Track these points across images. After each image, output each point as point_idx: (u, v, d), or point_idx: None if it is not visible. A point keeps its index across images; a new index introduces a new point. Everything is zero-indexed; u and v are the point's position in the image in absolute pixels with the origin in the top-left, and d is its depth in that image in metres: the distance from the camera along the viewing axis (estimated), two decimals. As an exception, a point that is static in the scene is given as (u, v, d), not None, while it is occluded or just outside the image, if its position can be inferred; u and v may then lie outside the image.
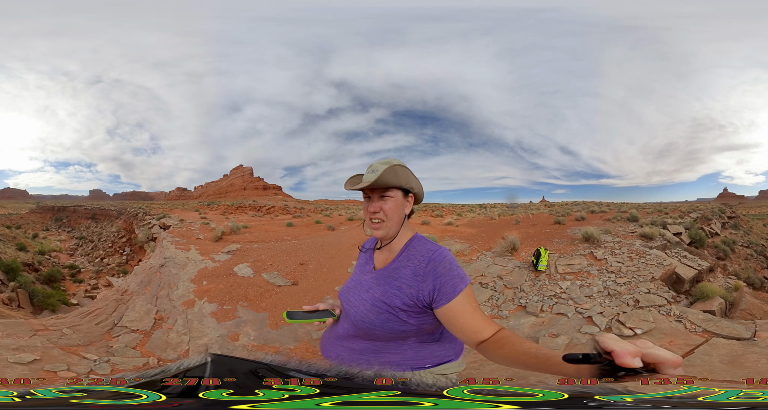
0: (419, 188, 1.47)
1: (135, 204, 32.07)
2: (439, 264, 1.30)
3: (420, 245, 1.39)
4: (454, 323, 1.27)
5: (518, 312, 5.80)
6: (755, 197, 38.48)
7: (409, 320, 1.32)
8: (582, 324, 5.06)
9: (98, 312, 6.32)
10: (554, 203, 29.48)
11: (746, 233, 18.37)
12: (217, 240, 11.84)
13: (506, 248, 8.39)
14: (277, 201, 34.19)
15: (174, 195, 47.24)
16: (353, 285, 1.51)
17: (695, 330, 4.65)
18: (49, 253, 23.61)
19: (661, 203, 27.24)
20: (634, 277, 6.43)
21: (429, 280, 1.29)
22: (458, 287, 1.27)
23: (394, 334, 1.34)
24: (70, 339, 5.03)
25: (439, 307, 1.28)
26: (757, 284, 10.47)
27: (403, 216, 1.43)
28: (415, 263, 1.34)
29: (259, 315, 6.03)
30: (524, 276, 6.92)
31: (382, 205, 1.39)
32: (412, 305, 1.30)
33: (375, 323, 1.34)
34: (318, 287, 7.17)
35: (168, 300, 6.46)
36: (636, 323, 4.86)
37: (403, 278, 1.34)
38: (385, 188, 1.38)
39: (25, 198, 41.76)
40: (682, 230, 11.10)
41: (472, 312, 1.26)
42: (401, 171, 1.39)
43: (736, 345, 4.12)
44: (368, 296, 1.39)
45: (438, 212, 22.43)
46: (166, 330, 5.59)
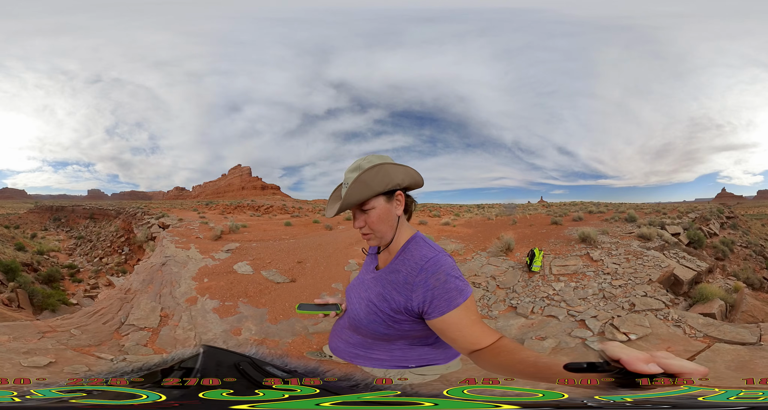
0: (409, 178, 1.34)
1: (133, 204, 32.04)
2: (432, 275, 1.20)
3: (416, 249, 1.29)
4: (447, 335, 1.21)
5: (508, 313, 5.73)
6: (753, 197, 38.75)
7: (394, 325, 1.28)
8: (573, 328, 4.91)
9: (104, 311, 6.38)
10: (552, 204, 29.48)
11: (745, 233, 18.40)
12: (216, 239, 11.90)
13: (501, 249, 8.33)
14: (275, 201, 34.13)
15: (172, 195, 47.29)
16: (357, 283, 1.50)
17: (695, 335, 4.45)
18: (48, 253, 23.54)
19: (659, 203, 27.25)
20: (631, 279, 6.30)
21: (419, 291, 1.20)
22: (455, 302, 1.17)
23: (378, 335, 1.32)
24: (80, 340, 5.02)
25: (431, 319, 1.20)
26: (756, 284, 10.48)
27: (393, 220, 1.33)
28: (407, 269, 1.25)
29: (259, 311, 6.13)
30: (517, 277, 6.84)
31: (365, 219, 1.30)
32: (399, 312, 1.25)
33: (362, 321, 1.34)
34: (315, 285, 7.28)
35: (171, 298, 6.57)
36: (631, 328, 4.69)
37: (395, 284, 1.27)
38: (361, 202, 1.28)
39: (24, 198, 41.85)
40: (681, 230, 11.10)
41: (470, 325, 1.18)
42: (373, 177, 1.25)
43: (743, 351, 3.95)
44: (365, 295, 1.38)
45: (435, 213, 22.41)
46: (173, 327, 5.66)
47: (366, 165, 1.28)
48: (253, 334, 5.49)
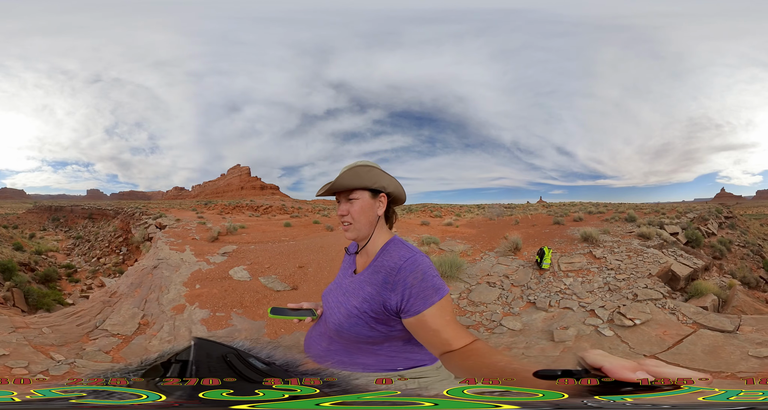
0: (395, 188, 1.41)
1: (132, 204, 31.97)
2: (410, 274, 1.23)
3: (394, 250, 1.33)
4: (421, 335, 1.23)
5: (528, 308, 5.98)
6: (753, 197, 38.71)
7: (377, 327, 1.29)
8: (586, 317, 5.32)
9: (82, 313, 6.13)
10: (552, 204, 29.52)
11: (743, 233, 18.44)
12: (213, 241, 11.69)
13: (509, 248, 8.57)
14: (274, 201, 34.09)
15: (171, 194, 47.09)
16: (334, 287, 1.51)
17: (686, 321, 4.97)
18: (46, 253, 23.49)
19: (658, 203, 27.31)
20: (633, 273, 6.72)
21: (398, 290, 1.23)
22: (430, 300, 1.20)
23: (361, 339, 1.32)
24: (46, 338, 4.93)
25: (407, 318, 1.23)
26: (752, 283, 10.53)
27: (374, 217, 1.38)
28: (386, 270, 1.28)
29: (256, 324, 5.71)
30: (529, 274, 7.13)
31: (348, 207, 1.37)
32: (380, 312, 1.27)
33: (344, 326, 1.33)
34: (319, 292, 6.91)
35: (157, 304, 6.22)
36: (635, 314, 5.12)
37: (374, 285, 1.29)
38: (349, 190, 1.37)
39: (23, 198, 41.75)
40: (679, 230, 11.19)
41: (444, 325, 1.19)
42: (365, 172, 1.36)
43: (719, 337, 4.43)
44: (344, 299, 1.39)
45: (437, 213, 22.42)
46: (149, 337, 5.34)
47: (360, 163, 1.39)
48: (249, 339, 5.24)
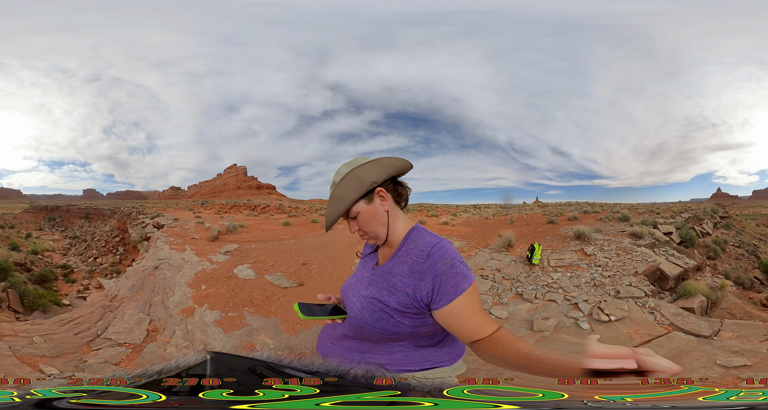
0: (386, 170, 1.32)
1: (128, 203, 31.80)
2: (439, 260, 1.19)
3: (419, 238, 1.29)
4: (454, 324, 1.19)
5: (516, 299, 6.26)
6: (749, 197, 38.82)
7: (403, 321, 1.24)
8: (569, 310, 5.55)
9: (81, 320, 5.75)
10: (548, 204, 29.57)
11: (738, 233, 18.53)
12: (213, 240, 11.65)
13: (502, 245, 8.81)
14: (271, 200, 34.01)
15: (168, 194, 46.80)
16: (354, 281, 1.46)
17: (663, 322, 4.96)
18: (42, 253, 23.35)
19: (654, 203, 27.36)
20: (619, 271, 6.94)
21: (428, 278, 1.18)
22: (461, 287, 1.17)
23: (386, 335, 1.27)
24: (36, 349, 4.54)
25: (439, 308, 1.18)
26: (747, 284, 10.56)
27: (382, 217, 1.32)
28: (413, 258, 1.23)
29: (271, 321, 5.61)
30: (520, 269, 7.39)
31: (355, 224, 1.33)
32: (408, 305, 1.21)
33: (368, 321, 1.28)
34: (325, 288, 6.92)
35: (163, 308, 6.00)
36: (613, 310, 5.28)
37: (399, 276, 1.24)
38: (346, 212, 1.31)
39: (19, 198, 41.40)
40: (673, 229, 11.22)
41: (474, 313, 1.18)
42: (343, 189, 1.27)
43: (692, 341, 4.35)
44: (365, 293, 1.32)
45: (433, 212, 22.43)
46: (162, 344, 5.05)
47: (337, 179, 1.31)
48: (273, 348, 4.95)
